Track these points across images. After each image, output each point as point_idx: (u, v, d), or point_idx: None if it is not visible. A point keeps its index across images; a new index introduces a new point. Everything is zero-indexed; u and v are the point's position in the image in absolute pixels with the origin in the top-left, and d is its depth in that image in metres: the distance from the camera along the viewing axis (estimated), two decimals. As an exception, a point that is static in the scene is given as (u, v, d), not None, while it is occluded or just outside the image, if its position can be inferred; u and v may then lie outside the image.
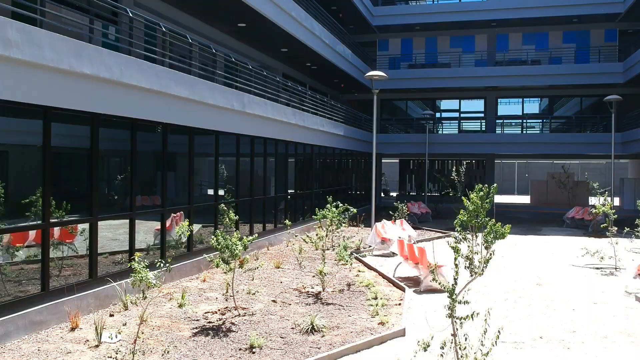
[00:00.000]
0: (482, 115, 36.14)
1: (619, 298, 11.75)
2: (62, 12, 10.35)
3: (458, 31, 34.88)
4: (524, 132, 34.86)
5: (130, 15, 11.23)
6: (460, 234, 7.12)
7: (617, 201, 35.40)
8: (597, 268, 15.10)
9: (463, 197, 7.82)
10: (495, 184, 7.62)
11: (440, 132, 37.07)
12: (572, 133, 34.02)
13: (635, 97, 31.87)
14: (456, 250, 6.68)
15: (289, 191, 20.68)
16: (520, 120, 35.61)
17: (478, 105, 37.13)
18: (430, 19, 33.53)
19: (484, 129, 35.97)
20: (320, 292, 11.83)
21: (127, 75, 10.59)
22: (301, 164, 22.04)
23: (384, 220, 18.33)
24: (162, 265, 7.70)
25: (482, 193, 7.22)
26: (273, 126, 18.03)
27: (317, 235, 13.08)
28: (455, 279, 6.98)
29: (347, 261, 13.09)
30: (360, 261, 15.61)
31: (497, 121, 35.58)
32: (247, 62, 17.51)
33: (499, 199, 44.04)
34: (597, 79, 31.23)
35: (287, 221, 14.63)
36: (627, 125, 30.08)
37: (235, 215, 9.79)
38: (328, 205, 11.90)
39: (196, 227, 14.44)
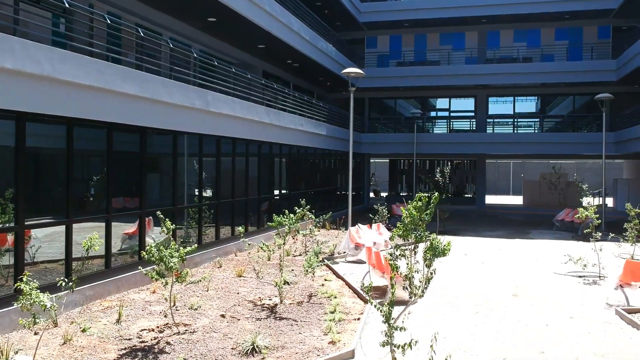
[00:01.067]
0: (472, 114, 35.24)
1: (598, 311, 10.88)
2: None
3: (448, 28, 33.99)
4: (515, 131, 33.92)
5: (67, 5, 10.35)
6: (397, 250, 6.21)
7: (610, 202, 34.58)
8: (580, 276, 14.22)
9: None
10: (437, 194, 6.72)
11: (431, 131, 36.17)
12: (564, 132, 33.13)
13: (629, 95, 30.98)
14: (393, 268, 5.79)
15: (272, 194, 19.84)
16: (512, 120, 34.68)
17: (468, 104, 36.25)
18: (419, 15, 32.62)
19: (474, 128, 35.07)
20: (277, 305, 10.98)
21: (62, 70, 9.73)
22: (279, 165, 21.17)
23: (359, 225, 17.46)
24: (64, 285, 6.81)
25: (420, 203, 6.31)
26: (243, 125, 17.16)
27: (276, 242, 12.19)
28: (391, 300, 6.11)
29: (313, 269, 12.23)
30: (330, 269, 14.74)
31: (488, 120, 34.64)
32: (213, 58, 16.63)
33: (492, 199, 43.23)
34: (590, 77, 30.31)
35: (240, 228, 13.76)
36: (620, 125, 29.19)
37: (172, 224, 8.91)
38: (286, 211, 11.04)
39: (157, 230, 13.64)
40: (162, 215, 8.94)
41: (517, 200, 43.50)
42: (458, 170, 38.78)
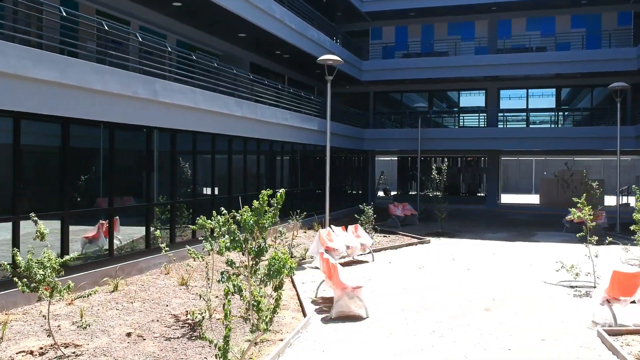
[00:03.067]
0: (482, 107, 33.23)
1: (579, 332, 9.12)
2: None
3: (456, 17, 32.03)
4: (529, 126, 31.77)
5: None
6: (232, 267, 4.67)
7: (632, 201, 32.11)
8: (571, 286, 12.42)
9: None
10: (282, 190, 5.14)
11: (442, 126, 34.28)
12: (581, 127, 30.89)
13: (651, 85, 28.67)
14: (227, 292, 4.27)
15: (248, 192, 18.40)
16: (524, 114, 32.53)
17: (479, 100, 34.25)
18: (426, 4, 30.70)
19: (484, 124, 33.06)
20: (203, 320, 9.50)
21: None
22: (257, 161, 19.70)
23: (331, 226, 15.87)
24: None
25: (260, 204, 4.74)
26: (206, 118, 15.74)
27: (205, 248, 10.68)
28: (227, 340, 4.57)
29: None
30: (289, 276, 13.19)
31: (500, 115, 32.58)
32: (166, 43, 15.24)
33: (511, 198, 41.04)
34: (609, 66, 28.03)
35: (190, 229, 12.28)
36: (641, 117, 26.96)
37: (46, 229, 7.50)
38: (214, 213, 9.59)
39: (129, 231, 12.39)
40: (36, 218, 7.54)
41: (538, 199, 41.16)
42: (470, 168, 36.77)
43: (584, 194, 20.97)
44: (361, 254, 16.03)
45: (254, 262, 5.20)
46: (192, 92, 14.98)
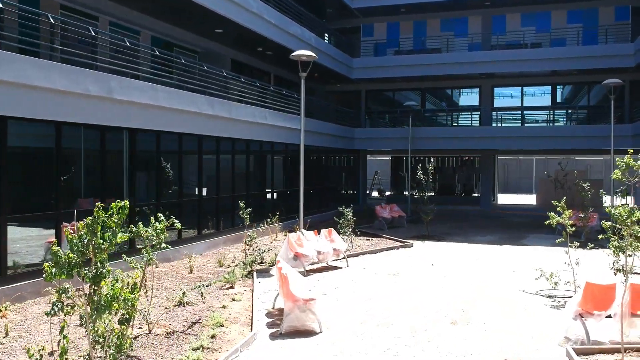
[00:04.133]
0: (475, 106, 32.33)
1: (547, 349, 8.29)
2: None
3: (449, 13, 31.15)
4: (524, 125, 30.84)
5: None
6: (62, 294, 3.88)
7: (631, 202, 31.11)
8: (550, 296, 11.59)
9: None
10: (125, 202, 4.35)
11: (434, 125, 33.40)
12: (577, 125, 29.97)
13: (650, 82, 27.71)
14: (63, 327, 3.48)
15: (219, 194, 17.65)
16: (519, 112, 31.60)
17: (472, 99, 33.37)
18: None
19: (477, 123, 32.19)
20: (139, 336, 8.73)
21: None
22: (235, 163, 18.91)
23: (301, 230, 15.07)
24: None
25: (97, 219, 3.95)
26: (171, 117, 14.98)
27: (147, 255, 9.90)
28: None
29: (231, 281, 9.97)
30: (252, 285, 12.45)
31: (494, 114, 31.69)
32: (125, 38, 14.47)
33: (508, 199, 40.17)
34: (605, 63, 27.06)
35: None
36: (638, 115, 25.98)
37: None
38: (152, 219, 8.83)
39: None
40: None
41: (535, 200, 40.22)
42: (465, 168, 35.91)
43: (578, 195, 20.02)
44: (335, 259, 15.23)
45: (92, 291, 4.38)
46: (153, 90, 14.22)
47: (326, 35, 30.93)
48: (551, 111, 31.78)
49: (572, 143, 28.48)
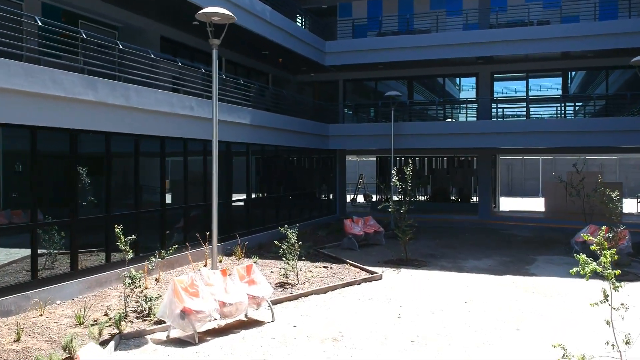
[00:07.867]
0: (471, 99, 27.45)
1: None
2: None
3: (440, -14, 26.35)
4: (530, 118, 25.92)
5: None
6: None
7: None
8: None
9: None
10: None
11: (435, 117, 28.57)
12: (594, 118, 25.07)
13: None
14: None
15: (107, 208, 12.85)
16: (524, 104, 26.68)
17: (469, 88, 28.54)
18: (402, -29, 25.13)
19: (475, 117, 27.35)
20: None
21: None
22: (140, 166, 14.12)
23: (202, 269, 10.28)
24: None
25: None
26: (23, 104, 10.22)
27: None
28: None
29: None
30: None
31: (494, 106, 26.82)
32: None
33: (512, 204, 35.44)
34: (628, 41, 22.08)
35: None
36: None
37: None
38: None
39: None
40: None
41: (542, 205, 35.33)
42: (461, 170, 31.05)
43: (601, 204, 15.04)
44: (255, 309, 10.41)
45: None
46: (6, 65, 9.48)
47: (299, 17, 26.21)
48: (561, 103, 26.83)
49: (587, 139, 23.55)
